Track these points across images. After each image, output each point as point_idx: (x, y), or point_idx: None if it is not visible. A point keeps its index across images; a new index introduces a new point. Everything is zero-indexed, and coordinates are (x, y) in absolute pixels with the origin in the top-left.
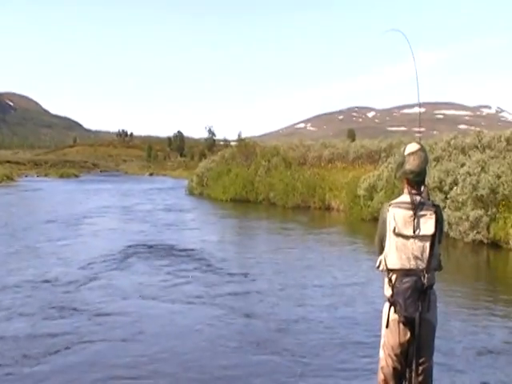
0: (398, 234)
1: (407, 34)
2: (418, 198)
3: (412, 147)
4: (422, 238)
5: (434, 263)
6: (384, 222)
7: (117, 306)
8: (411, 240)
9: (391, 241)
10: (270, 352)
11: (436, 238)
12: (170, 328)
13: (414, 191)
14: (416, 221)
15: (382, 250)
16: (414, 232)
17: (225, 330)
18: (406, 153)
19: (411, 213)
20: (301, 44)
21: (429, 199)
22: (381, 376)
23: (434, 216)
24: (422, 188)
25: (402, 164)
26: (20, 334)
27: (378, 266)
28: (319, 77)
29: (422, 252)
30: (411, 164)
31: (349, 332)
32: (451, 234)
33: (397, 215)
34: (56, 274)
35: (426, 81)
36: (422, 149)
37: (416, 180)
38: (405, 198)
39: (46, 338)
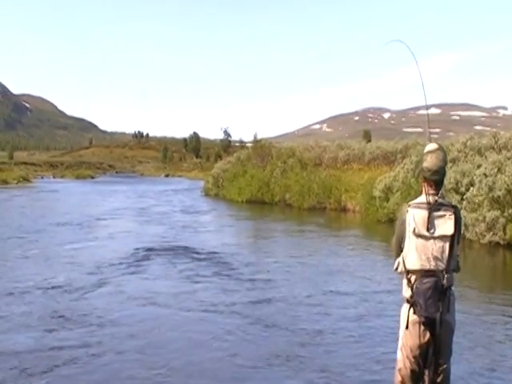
0: (418, 235)
1: (426, 36)
2: (435, 198)
3: (431, 146)
4: (442, 238)
5: (453, 264)
6: (403, 223)
7: (129, 313)
8: (431, 240)
9: (411, 241)
10: (293, 368)
11: (455, 239)
12: (184, 339)
13: (431, 191)
14: (436, 221)
15: (399, 251)
16: (433, 232)
17: (244, 341)
18: (424, 151)
19: (430, 213)
20: (316, 44)
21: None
22: (398, 378)
23: (453, 217)
24: (441, 188)
25: (420, 162)
26: (27, 342)
27: (396, 268)
28: (335, 77)
29: (442, 252)
30: (428, 162)
31: (379, 344)
32: (467, 235)
33: (416, 216)
34: (66, 279)
35: (442, 82)
36: (441, 148)
37: (433, 179)
38: (423, 198)
39: (54, 349)
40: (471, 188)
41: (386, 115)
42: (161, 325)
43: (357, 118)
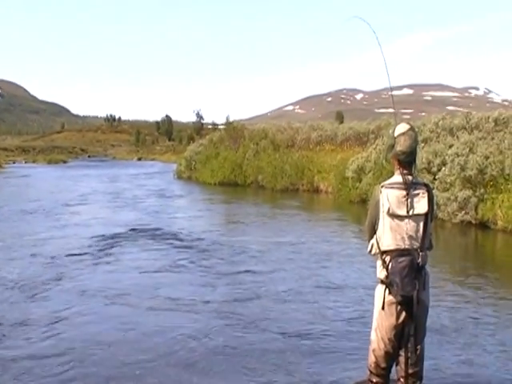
0: (392, 215)
1: (399, 15)
2: (410, 177)
3: (402, 128)
4: (416, 217)
5: (427, 242)
6: (377, 204)
7: (88, 313)
8: (405, 220)
9: (385, 222)
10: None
11: (429, 217)
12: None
13: (405, 171)
14: (409, 200)
15: (372, 233)
16: (407, 212)
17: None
18: (395, 134)
19: (404, 193)
20: (288, 24)
21: None
22: (372, 358)
23: (426, 195)
24: (413, 167)
25: (392, 146)
26: None
27: (370, 251)
28: (307, 58)
29: (416, 231)
30: (402, 145)
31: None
32: (440, 214)
33: (390, 196)
34: (21, 273)
35: (414, 62)
36: (412, 128)
37: (407, 160)
38: (397, 178)
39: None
40: (443, 168)
41: (359, 96)
42: (128, 327)
43: (329, 99)
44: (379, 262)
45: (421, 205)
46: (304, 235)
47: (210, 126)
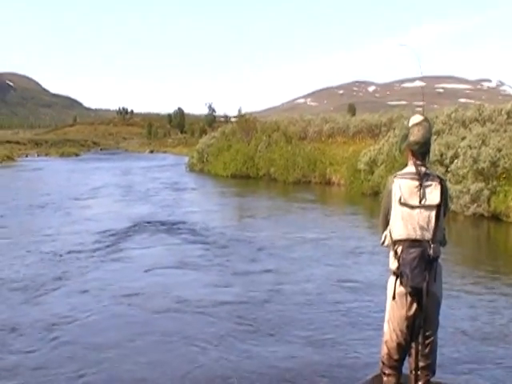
0: (404, 204)
1: (412, 6)
2: (423, 168)
3: (416, 118)
4: (428, 207)
5: (439, 235)
6: (389, 194)
7: (95, 314)
8: (417, 210)
9: (397, 211)
10: None
11: (441, 209)
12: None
13: (418, 162)
14: (422, 191)
15: (386, 225)
16: (419, 202)
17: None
18: (410, 124)
19: (417, 183)
20: (300, 16)
21: None
22: (384, 350)
23: (439, 187)
24: (427, 159)
25: (406, 136)
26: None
27: (383, 242)
28: (319, 50)
29: (428, 222)
30: (416, 135)
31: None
32: (452, 207)
33: (402, 185)
34: (27, 273)
35: (427, 54)
36: (426, 119)
37: (421, 151)
38: (410, 169)
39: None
40: (456, 160)
41: (371, 88)
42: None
43: (341, 91)
44: (391, 253)
45: (433, 196)
46: (323, 231)
47: (222, 119)
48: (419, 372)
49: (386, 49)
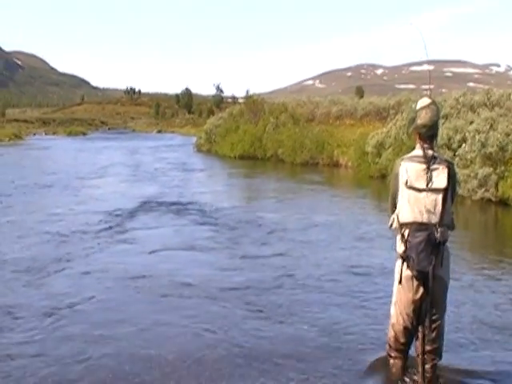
0: (410, 187)
1: None
2: (430, 152)
3: (424, 101)
4: (435, 191)
5: (446, 219)
6: (396, 177)
7: (94, 299)
8: (424, 193)
9: (403, 194)
10: None
11: (448, 193)
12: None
13: (426, 145)
14: (429, 174)
15: (394, 208)
16: (426, 185)
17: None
18: (417, 107)
19: (424, 166)
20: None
21: None
22: (391, 333)
23: (446, 170)
24: (434, 142)
25: (413, 119)
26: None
27: (391, 225)
28: (328, 32)
29: (435, 206)
30: (423, 118)
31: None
32: (459, 191)
33: (409, 168)
34: (32, 253)
35: (435, 38)
36: (434, 102)
37: (428, 134)
38: (417, 152)
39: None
40: (463, 144)
41: (379, 71)
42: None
43: (349, 73)
44: (398, 237)
45: (440, 179)
46: (333, 213)
47: (229, 100)
48: (426, 356)
49: (397, 32)
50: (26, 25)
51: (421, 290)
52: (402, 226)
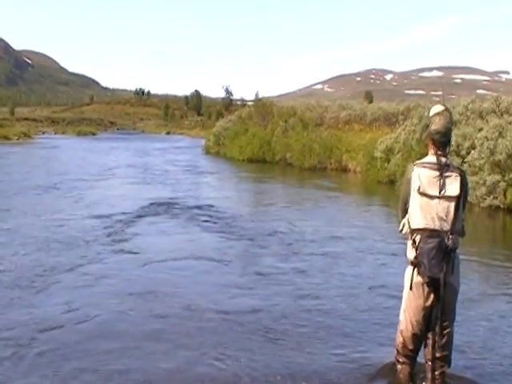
0: (423, 194)
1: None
2: (443, 159)
3: (437, 108)
4: (447, 198)
5: (458, 226)
6: (408, 182)
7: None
8: (436, 200)
9: (415, 200)
10: None
11: (461, 200)
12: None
13: (439, 152)
14: (442, 181)
15: (404, 213)
16: (439, 192)
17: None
18: (431, 114)
19: (437, 173)
20: (319, 4)
21: None
22: (400, 339)
23: (459, 178)
24: (447, 149)
25: (427, 126)
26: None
27: (402, 230)
28: (337, 38)
29: (447, 213)
30: (437, 124)
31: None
32: (468, 198)
33: (422, 175)
34: (33, 261)
35: (444, 44)
36: (447, 109)
37: (442, 141)
38: (430, 158)
39: None
40: (472, 151)
41: (388, 77)
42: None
43: (359, 78)
44: (409, 243)
45: (453, 187)
46: (350, 224)
47: (238, 102)
48: (436, 363)
49: (407, 38)
50: (36, 23)
51: (431, 296)
52: (413, 231)
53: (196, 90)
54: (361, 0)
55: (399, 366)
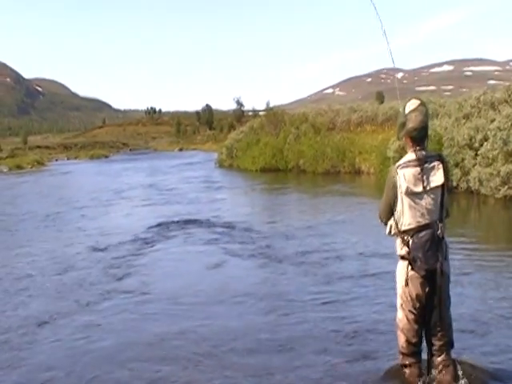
0: (411, 194)
1: None
2: (423, 152)
3: (412, 104)
4: (433, 189)
5: (445, 212)
6: (394, 187)
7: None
8: (423, 195)
9: (404, 202)
10: None
11: (445, 187)
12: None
13: (418, 147)
14: (425, 176)
15: (390, 215)
16: (424, 188)
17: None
18: (406, 111)
19: (419, 169)
20: (325, 9)
21: None
22: (402, 338)
23: (441, 166)
24: (426, 142)
25: (404, 124)
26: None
27: (390, 232)
28: (345, 41)
29: (434, 204)
30: (414, 122)
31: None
32: (482, 190)
33: (406, 175)
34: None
35: (453, 37)
36: (423, 103)
37: (419, 136)
38: (410, 156)
39: None
40: (485, 143)
41: (399, 75)
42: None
43: (369, 79)
44: (399, 240)
45: (437, 177)
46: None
47: (250, 113)
48: (440, 348)
49: (412, 35)
50: (46, 51)
51: (427, 287)
52: (403, 232)
53: (207, 104)
54: (365, 1)
55: (407, 371)
